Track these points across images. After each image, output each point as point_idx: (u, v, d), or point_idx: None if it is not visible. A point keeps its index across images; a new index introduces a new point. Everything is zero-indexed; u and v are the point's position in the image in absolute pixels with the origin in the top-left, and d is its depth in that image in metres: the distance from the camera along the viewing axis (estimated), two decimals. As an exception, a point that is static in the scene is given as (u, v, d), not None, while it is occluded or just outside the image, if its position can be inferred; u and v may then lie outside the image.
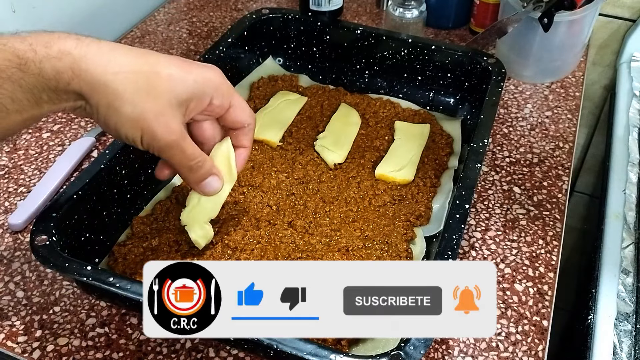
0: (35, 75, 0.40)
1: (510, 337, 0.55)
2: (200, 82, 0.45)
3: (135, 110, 0.42)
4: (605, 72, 1.01)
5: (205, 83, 0.46)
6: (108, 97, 0.41)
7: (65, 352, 0.53)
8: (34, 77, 0.40)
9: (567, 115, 0.80)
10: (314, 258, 0.57)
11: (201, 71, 0.46)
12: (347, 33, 0.79)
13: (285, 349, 0.43)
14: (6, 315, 0.56)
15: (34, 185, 0.68)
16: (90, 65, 0.41)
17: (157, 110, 0.43)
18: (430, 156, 0.69)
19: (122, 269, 0.56)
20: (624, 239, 0.67)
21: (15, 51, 0.39)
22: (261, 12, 0.81)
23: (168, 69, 0.44)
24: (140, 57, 0.43)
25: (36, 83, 0.40)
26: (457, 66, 0.76)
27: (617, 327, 0.59)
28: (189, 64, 0.46)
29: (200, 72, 0.46)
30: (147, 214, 0.62)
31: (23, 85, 0.40)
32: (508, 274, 0.60)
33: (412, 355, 0.43)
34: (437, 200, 0.65)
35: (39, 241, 0.50)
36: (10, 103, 0.40)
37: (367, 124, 0.74)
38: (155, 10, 1.00)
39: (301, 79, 0.81)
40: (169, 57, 0.45)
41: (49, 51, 0.40)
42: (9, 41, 0.40)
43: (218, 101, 0.47)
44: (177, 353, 0.53)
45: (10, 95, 0.40)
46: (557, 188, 0.70)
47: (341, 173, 0.67)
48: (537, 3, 0.76)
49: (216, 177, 0.50)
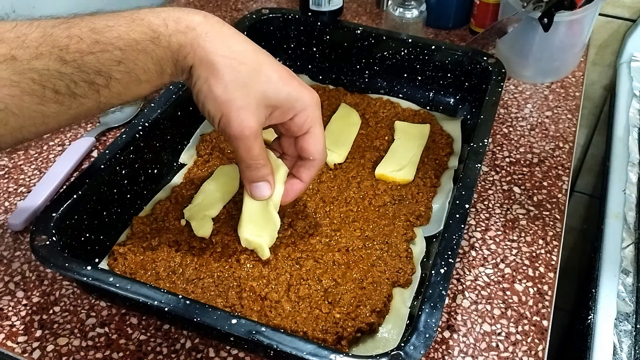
0: (164, 48, 0.44)
1: (510, 337, 0.55)
2: (293, 96, 0.48)
3: (224, 94, 0.45)
4: (605, 72, 1.01)
5: (297, 99, 0.48)
6: (208, 72, 0.45)
7: (65, 352, 0.53)
8: (163, 49, 0.44)
9: (567, 115, 0.80)
10: (314, 258, 0.57)
11: (299, 89, 0.48)
12: (347, 33, 0.79)
13: (285, 349, 0.43)
14: (6, 315, 0.56)
15: (34, 185, 0.68)
16: (207, 43, 0.45)
17: (242, 103, 0.45)
18: (430, 156, 0.69)
19: (122, 269, 0.56)
20: (624, 239, 0.67)
21: (150, 25, 0.43)
22: (261, 12, 0.81)
23: (270, 72, 0.47)
24: (252, 52, 0.47)
25: (164, 55, 0.44)
26: (457, 66, 0.76)
27: (617, 327, 0.59)
28: (292, 79, 0.48)
29: (298, 89, 0.48)
30: (147, 214, 0.62)
31: (154, 57, 0.44)
32: (508, 274, 0.60)
33: (412, 355, 0.43)
34: (437, 200, 0.65)
35: (39, 241, 0.50)
36: (143, 73, 0.44)
37: (367, 124, 0.74)
38: (155, 10, 0.99)
39: (301, 79, 0.81)
40: (278, 64, 0.48)
41: (178, 26, 0.44)
42: (146, 15, 0.44)
43: (300, 120, 0.49)
44: (177, 353, 0.53)
45: (143, 67, 0.44)
46: (557, 188, 0.70)
47: (341, 173, 0.67)
48: (537, 3, 0.76)
49: (268, 185, 0.51)
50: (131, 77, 0.44)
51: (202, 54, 0.45)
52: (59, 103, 0.43)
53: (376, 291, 0.54)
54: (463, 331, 0.55)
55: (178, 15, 0.45)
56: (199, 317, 0.45)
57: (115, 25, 0.43)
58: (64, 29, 0.42)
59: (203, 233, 0.59)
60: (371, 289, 0.55)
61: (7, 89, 0.40)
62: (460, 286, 0.59)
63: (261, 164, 0.50)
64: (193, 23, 0.45)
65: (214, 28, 0.45)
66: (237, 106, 0.45)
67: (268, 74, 0.46)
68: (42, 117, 0.43)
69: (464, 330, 0.55)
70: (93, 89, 0.43)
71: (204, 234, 0.59)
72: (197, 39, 0.44)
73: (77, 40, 0.42)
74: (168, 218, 0.61)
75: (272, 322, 0.52)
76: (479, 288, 0.59)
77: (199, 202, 0.62)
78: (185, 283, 0.55)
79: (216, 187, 0.64)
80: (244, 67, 0.45)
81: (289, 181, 0.53)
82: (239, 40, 0.47)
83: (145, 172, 0.64)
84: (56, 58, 0.41)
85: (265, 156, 0.50)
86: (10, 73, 0.40)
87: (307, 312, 0.53)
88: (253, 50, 0.47)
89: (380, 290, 0.54)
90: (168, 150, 0.68)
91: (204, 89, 0.46)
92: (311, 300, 0.54)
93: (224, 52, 0.45)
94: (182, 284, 0.55)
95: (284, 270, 0.56)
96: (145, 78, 0.45)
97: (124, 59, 0.43)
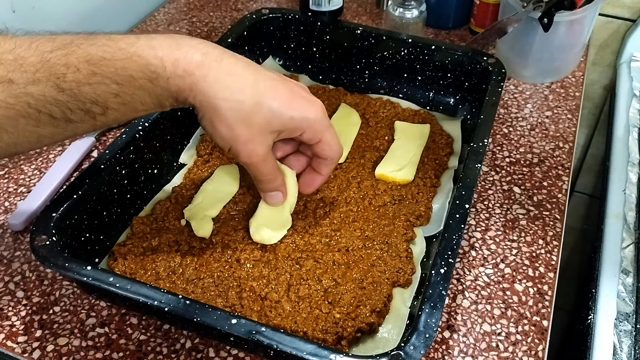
0: (162, 88, 0.45)
1: (510, 337, 0.55)
2: (297, 119, 0.49)
3: (229, 132, 0.48)
4: (605, 72, 1.01)
5: (301, 120, 0.49)
6: (212, 114, 0.47)
7: (65, 352, 0.53)
8: (161, 88, 0.45)
9: (567, 115, 0.80)
10: (314, 258, 0.57)
11: (302, 108, 0.49)
12: (347, 33, 0.79)
13: (285, 349, 0.43)
14: (6, 315, 0.56)
15: (34, 185, 0.68)
16: (207, 88, 0.46)
17: (247, 137, 0.48)
18: (430, 156, 0.69)
19: (122, 269, 0.56)
20: (624, 239, 0.67)
21: (148, 65, 0.44)
22: (261, 12, 0.81)
23: (271, 102, 0.48)
24: (252, 86, 0.47)
25: (162, 92, 0.46)
26: (457, 66, 0.76)
27: (617, 327, 0.59)
28: (293, 98, 0.49)
29: (301, 108, 0.49)
30: (147, 214, 0.62)
31: (152, 93, 0.45)
32: (508, 274, 0.60)
33: (412, 355, 0.43)
34: (437, 200, 0.65)
35: (39, 241, 0.50)
36: (140, 105, 0.46)
37: (367, 124, 0.74)
38: (155, 10, 1.00)
39: (301, 79, 0.81)
40: (278, 88, 0.49)
41: (176, 70, 0.45)
42: (143, 52, 0.44)
43: (308, 136, 0.51)
44: (177, 353, 0.53)
45: (140, 100, 0.45)
46: (557, 188, 0.70)
47: (341, 173, 0.67)
48: (537, 3, 0.76)
49: (280, 194, 0.56)
50: (128, 108, 0.45)
51: (203, 98, 0.46)
52: (54, 126, 0.43)
53: (376, 291, 0.54)
54: (463, 331, 0.55)
55: (176, 56, 0.45)
56: (199, 317, 0.45)
57: (111, 59, 0.43)
58: (60, 55, 0.42)
59: (203, 233, 0.59)
60: (371, 289, 0.55)
61: (3, 111, 0.41)
62: (460, 286, 0.59)
63: (272, 179, 0.54)
64: (191, 66, 0.45)
65: (212, 69, 0.46)
66: (242, 141, 0.48)
67: (269, 104, 0.48)
68: (37, 136, 0.44)
69: (464, 330, 0.55)
70: (89, 115, 0.44)
71: (204, 234, 0.59)
72: (197, 84, 0.45)
73: (74, 70, 0.42)
74: (168, 218, 0.61)
75: (272, 322, 0.52)
76: (479, 288, 0.59)
77: (199, 202, 0.62)
78: (185, 283, 0.55)
79: (216, 187, 0.64)
80: (245, 104, 0.47)
81: (309, 175, 0.57)
82: (238, 75, 0.47)
83: (145, 172, 0.64)
84: (53, 85, 0.41)
85: (275, 170, 0.53)
86: (6, 95, 0.41)
87: (307, 312, 0.53)
88: (253, 82, 0.47)
89: (380, 290, 0.54)
90: (168, 150, 0.68)
91: (209, 128, 0.48)
92: (311, 300, 0.54)
93: (224, 94, 0.46)
94: (182, 284, 0.55)
95: (284, 270, 0.56)
96: (143, 108, 0.46)
97: (120, 92, 0.44)
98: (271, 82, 0.48)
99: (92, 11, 0.89)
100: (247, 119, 0.47)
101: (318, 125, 0.50)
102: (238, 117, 0.47)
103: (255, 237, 0.58)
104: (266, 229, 0.58)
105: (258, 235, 0.58)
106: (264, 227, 0.58)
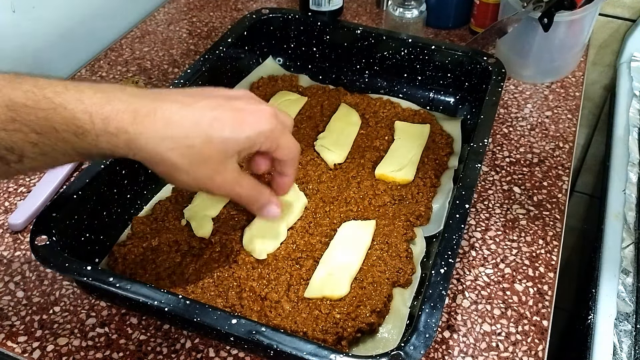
0: (89, 143, 0.42)
1: (510, 337, 0.55)
2: (253, 137, 0.46)
3: (189, 178, 0.45)
4: (605, 72, 1.01)
5: (257, 136, 0.46)
6: (164, 168, 0.45)
7: (65, 352, 0.53)
8: (88, 144, 0.42)
9: (567, 115, 0.80)
10: (314, 258, 0.57)
11: (253, 123, 0.46)
12: (347, 33, 0.79)
13: (285, 349, 0.43)
14: (6, 315, 0.56)
15: (34, 185, 0.68)
16: (145, 145, 0.43)
17: (209, 173, 0.46)
18: (430, 156, 0.69)
19: (122, 269, 0.56)
20: (624, 239, 0.67)
21: (74, 119, 0.41)
22: (261, 12, 0.81)
23: (221, 132, 0.45)
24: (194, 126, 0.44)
25: (89, 148, 0.42)
26: (457, 66, 0.76)
27: (617, 327, 0.59)
28: (242, 118, 0.46)
29: (253, 125, 0.46)
30: (147, 214, 0.62)
31: (76, 147, 0.42)
32: (508, 274, 0.60)
33: (412, 355, 0.43)
34: (437, 200, 0.65)
35: (39, 241, 0.50)
36: (62, 157, 0.43)
37: (367, 124, 0.74)
38: (155, 10, 1.00)
39: (301, 79, 0.81)
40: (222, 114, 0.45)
41: (106, 127, 0.42)
42: (69, 104, 0.41)
43: (265, 147, 0.48)
44: (177, 353, 0.53)
45: (62, 152, 0.42)
46: (557, 188, 0.70)
47: (341, 173, 0.67)
48: (537, 3, 0.76)
49: (273, 206, 0.52)
50: (47, 158, 0.42)
51: (146, 155, 0.43)
52: None
53: (376, 291, 0.54)
54: (463, 331, 0.55)
55: (106, 113, 0.41)
56: (199, 317, 0.45)
57: (34, 107, 0.40)
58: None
59: (203, 233, 0.59)
60: (371, 289, 0.55)
61: None
62: (460, 286, 0.59)
63: (255, 198, 0.51)
64: (123, 124, 0.42)
65: (147, 125, 0.43)
66: (206, 178, 0.46)
67: (219, 135, 0.45)
68: None
69: (464, 330, 0.55)
70: (2, 161, 0.41)
71: (204, 234, 0.59)
72: (134, 141, 0.42)
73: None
74: (168, 218, 0.61)
75: (272, 322, 0.52)
76: (479, 288, 0.59)
77: (199, 202, 0.62)
78: (185, 283, 0.55)
79: (216, 187, 0.64)
80: (195, 147, 0.44)
81: (278, 179, 0.54)
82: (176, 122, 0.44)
83: (145, 172, 0.64)
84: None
85: (255, 188, 0.50)
86: None
87: (307, 312, 0.53)
88: (194, 123, 0.44)
89: (380, 290, 0.54)
90: (168, 150, 0.68)
91: (166, 179, 0.46)
92: (311, 301, 0.54)
93: (167, 145, 0.43)
94: (182, 284, 0.55)
95: (284, 270, 0.56)
96: (64, 160, 0.43)
97: (40, 142, 0.41)
98: (213, 113, 0.45)
99: (92, 11, 0.89)
100: (202, 158, 0.44)
101: (274, 134, 0.48)
102: (192, 160, 0.44)
103: (248, 247, 0.58)
104: (258, 241, 0.58)
105: (250, 245, 0.58)
106: (257, 238, 0.58)
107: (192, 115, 0.44)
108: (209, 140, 0.44)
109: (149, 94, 0.45)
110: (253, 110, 0.47)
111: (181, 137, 0.44)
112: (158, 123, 0.43)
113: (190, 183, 0.46)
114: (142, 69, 0.86)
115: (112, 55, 0.89)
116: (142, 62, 0.88)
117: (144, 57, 0.89)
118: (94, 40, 0.91)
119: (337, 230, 0.60)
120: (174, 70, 0.86)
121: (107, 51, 0.90)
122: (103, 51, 0.90)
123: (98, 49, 0.91)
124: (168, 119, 0.43)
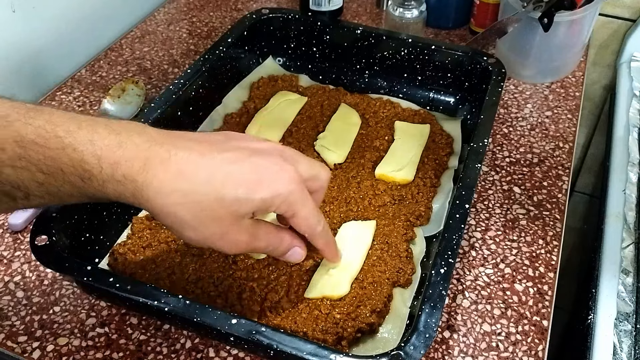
0: (95, 189, 0.40)
1: (510, 337, 0.55)
2: (268, 200, 0.43)
3: (199, 235, 0.42)
4: (605, 72, 1.01)
5: (272, 200, 0.43)
6: (172, 222, 0.42)
7: (65, 352, 0.53)
8: (94, 189, 0.40)
9: (567, 115, 0.80)
10: (314, 258, 0.57)
11: (271, 184, 0.43)
12: (347, 33, 0.79)
13: (285, 349, 0.43)
14: (6, 315, 0.56)
15: (34, 185, 0.68)
16: (153, 196, 0.40)
17: (221, 232, 0.42)
18: (430, 156, 0.69)
19: (122, 269, 0.56)
20: (624, 239, 0.67)
21: (82, 162, 0.39)
22: (261, 12, 0.81)
23: (235, 191, 0.41)
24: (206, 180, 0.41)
25: (95, 193, 0.41)
26: (457, 66, 0.76)
27: (617, 327, 0.59)
28: (260, 177, 0.42)
29: (270, 185, 0.43)
30: (147, 214, 0.62)
31: (82, 192, 0.40)
32: (508, 274, 0.60)
33: (412, 355, 0.43)
34: (437, 200, 0.65)
35: (39, 241, 0.50)
36: (68, 197, 0.41)
37: (367, 124, 0.74)
38: (155, 10, 1.00)
39: (301, 79, 0.81)
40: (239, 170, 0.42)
41: (114, 173, 0.39)
42: (79, 146, 0.39)
43: (281, 211, 0.45)
44: (177, 353, 0.53)
45: (68, 193, 0.41)
46: (557, 188, 0.70)
47: (341, 173, 0.67)
48: (537, 3, 0.76)
49: (297, 249, 0.49)
50: (54, 197, 0.41)
51: (152, 206, 0.41)
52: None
53: (376, 291, 0.54)
54: (463, 331, 0.55)
55: (116, 158, 0.39)
56: (199, 317, 0.45)
57: (43, 145, 0.38)
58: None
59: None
60: (371, 289, 0.55)
61: None
62: (460, 286, 0.59)
63: (275, 246, 0.48)
64: (132, 172, 0.39)
65: (157, 175, 0.40)
66: (218, 238, 0.43)
67: (233, 194, 0.41)
68: None
69: (464, 330, 0.55)
70: (9, 197, 0.40)
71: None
72: (141, 192, 0.40)
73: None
74: (168, 218, 0.61)
75: (272, 323, 0.52)
76: (479, 288, 0.59)
77: None
78: (185, 283, 0.55)
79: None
80: (204, 203, 0.41)
81: None
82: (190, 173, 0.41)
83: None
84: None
85: (274, 236, 0.47)
86: None
87: (307, 312, 0.53)
88: (207, 177, 0.41)
89: (380, 290, 0.54)
90: (168, 150, 0.68)
91: (174, 232, 0.43)
92: (311, 301, 0.54)
93: (176, 199, 0.40)
94: (182, 284, 0.55)
95: (284, 270, 0.56)
96: (72, 200, 0.42)
97: (46, 182, 0.39)
98: (229, 168, 0.42)
99: (92, 11, 0.89)
100: (212, 217, 0.41)
101: (291, 198, 0.44)
102: (202, 218, 0.41)
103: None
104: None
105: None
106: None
107: (206, 168, 0.41)
108: (220, 198, 0.41)
109: (167, 137, 0.42)
110: (275, 170, 0.43)
111: (190, 191, 0.40)
112: (169, 173, 0.40)
113: (198, 240, 0.43)
114: (142, 69, 0.86)
115: (112, 55, 0.89)
116: (142, 62, 0.88)
117: (144, 57, 0.89)
118: (94, 40, 0.91)
119: (337, 231, 0.60)
120: (174, 70, 0.86)
121: (107, 51, 0.90)
122: (103, 51, 0.90)
123: (98, 49, 0.91)
124: (180, 170, 0.41)
